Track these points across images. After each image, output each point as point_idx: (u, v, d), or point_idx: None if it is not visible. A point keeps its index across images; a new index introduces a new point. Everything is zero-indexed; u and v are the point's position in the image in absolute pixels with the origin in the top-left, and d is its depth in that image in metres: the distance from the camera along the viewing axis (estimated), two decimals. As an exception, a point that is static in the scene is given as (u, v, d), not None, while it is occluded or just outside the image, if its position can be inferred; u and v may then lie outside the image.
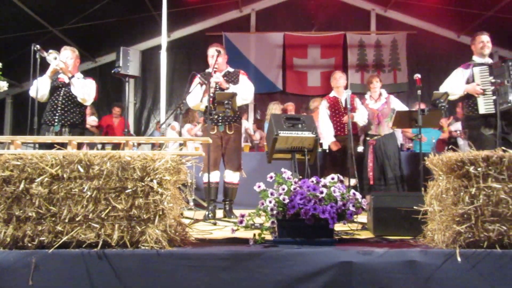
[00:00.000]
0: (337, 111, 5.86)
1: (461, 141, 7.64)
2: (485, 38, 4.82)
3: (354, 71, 11.04)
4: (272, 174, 2.89)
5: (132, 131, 10.35)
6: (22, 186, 2.60)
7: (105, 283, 2.50)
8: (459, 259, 2.48)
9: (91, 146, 7.15)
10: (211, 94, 4.63)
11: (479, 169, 2.56)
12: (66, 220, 2.58)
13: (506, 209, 2.54)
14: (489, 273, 2.48)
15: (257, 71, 10.88)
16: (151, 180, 2.60)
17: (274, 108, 8.24)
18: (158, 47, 7.49)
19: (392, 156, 5.80)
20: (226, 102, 4.42)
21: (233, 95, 4.52)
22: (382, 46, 11.09)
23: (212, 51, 4.88)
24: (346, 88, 5.93)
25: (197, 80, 4.90)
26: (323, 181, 2.83)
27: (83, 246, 2.58)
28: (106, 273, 2.50)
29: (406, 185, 5.82)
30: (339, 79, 5.95)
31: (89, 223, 2.59)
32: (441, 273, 2.48)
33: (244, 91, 4.83)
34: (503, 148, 2.71)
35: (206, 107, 4.72)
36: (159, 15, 7.90)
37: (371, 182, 5.78)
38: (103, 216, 2.59)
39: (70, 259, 2.52)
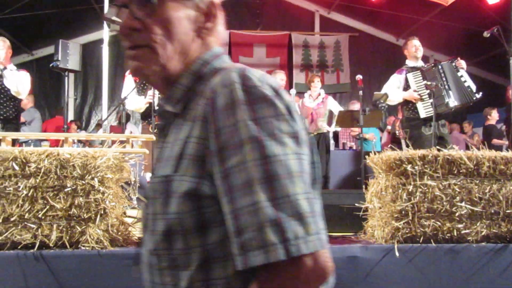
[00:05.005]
0: None
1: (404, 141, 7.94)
2: (416, 42, 5.02)
3: (298, 70, 11.21)
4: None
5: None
6: (-50, 185, 2.44)
7: (43, 285, 2.40)
8: (397, 254, 2.59)
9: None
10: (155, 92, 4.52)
11: (416, 167, 2.68)
12: (0, 221, 2.45)
13: (440, 206, 2.68)
14: (425, 266, 2.60)
15: (202, 68, 10.79)
16: (92, 178, 2.52)
17: None
18: (100, 41, 7.25)
19: (322, 155, 5.96)
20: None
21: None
22: (326, 47, 11.34)
23: None
24: (290, 88, 6.02)
25: (129, 79, 4.77)
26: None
27: (19, 247, 2.46)
28: (43, 275, 2.40)
29: (327, 185, 5.99)
30: (281, 80, 6.00)
31: (25, 223, 2.47)
32: (380, 268, 2.58)
33: None
34: (438, 147, 2.85)
35: (150, 104, 4.64)
36: (100, 8, 7.64)
37: None
38: (40, 216, 2.48)
39: (4, 261, 2.40)
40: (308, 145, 0.89)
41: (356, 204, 2.98)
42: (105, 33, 6.57)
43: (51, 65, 5.19)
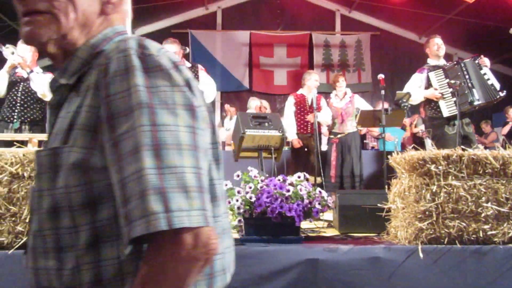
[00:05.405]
0: (303, 109, 5.94)
1: (429, 141, 7.84)
2: (438, 40, 4.94)
3: (319, 70, 11.14)
4: (239, 172, 2.89)
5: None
6: (-21, 185, 2.50)
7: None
8: (421, 255, 2.55)
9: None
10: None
11: (439, 167, 2.64)
12: (27, 220, 2.50)
13: (465, 206, 2.63)
14: (450, 268, 2.56)
15: (223, 69, 10.85)
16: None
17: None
18: (122, 43, 7.34)
19: (354, 154, 5.91)
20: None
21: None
22: (347, 46, 11.26)
23: (174, 48, 4.76)
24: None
25: None
26: (289, 179, 2.85)
27: (45, 247, 2.50)
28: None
29: (363, 184, 5.93)
30: (315, 81, 5.95)
31: (51, 223, 2.52)
32: (404, 269, 2.55)
33: (205, 92, 4.73)
34: (463, 147, 2.80)
35: None
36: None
37: (333, 180, 5.87)
38: (65, 216, 2.52)
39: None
40: (208, 124, 0.85)
41: (379, 205, 2.95)
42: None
43: (74, 67, 5.28)
